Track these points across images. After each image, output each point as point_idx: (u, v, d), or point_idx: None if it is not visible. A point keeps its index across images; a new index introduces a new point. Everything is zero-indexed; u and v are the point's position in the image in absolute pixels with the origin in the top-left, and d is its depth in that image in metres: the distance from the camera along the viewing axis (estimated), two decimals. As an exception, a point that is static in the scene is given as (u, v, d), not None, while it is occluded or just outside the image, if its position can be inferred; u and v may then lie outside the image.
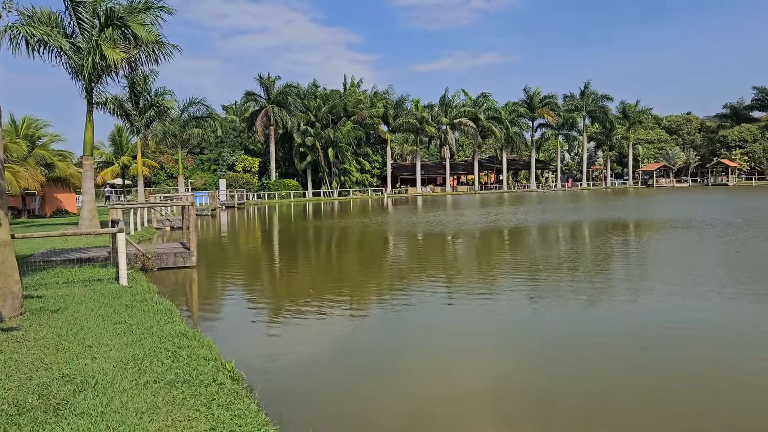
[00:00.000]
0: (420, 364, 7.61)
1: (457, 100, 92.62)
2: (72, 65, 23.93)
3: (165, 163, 78.07)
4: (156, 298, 10.19)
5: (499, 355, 7.91)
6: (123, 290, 10.85)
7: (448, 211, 44.43)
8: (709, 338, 8.36)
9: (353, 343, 8.76)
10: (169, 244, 18.37)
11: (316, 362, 7.65)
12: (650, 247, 19.13)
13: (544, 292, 11.89)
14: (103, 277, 12.58)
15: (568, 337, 8.57)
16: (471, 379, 6.90)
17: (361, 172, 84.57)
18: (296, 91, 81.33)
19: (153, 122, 40.24)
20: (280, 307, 11.40)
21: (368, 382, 6.91)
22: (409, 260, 17.79)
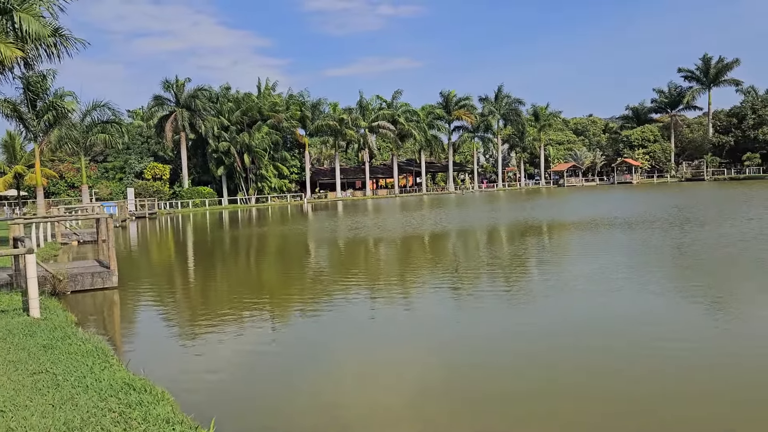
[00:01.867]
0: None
1: (373, 104, 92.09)
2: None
3: (65, 172, 72.39)
4: (80, 333, 8.31)
5: (422, 358, 7.98)
6: (36, 324, 8.85)
7: (369, 216, 43.37)
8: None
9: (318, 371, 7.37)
10: (83, 262, 16.06)
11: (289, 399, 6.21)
12: (572, 246, 18.83)
13: (465, 296, 12.10)
14: (6, 307, 10.40)
15: (483, 337, 8.81)
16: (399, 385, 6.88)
17: (279, 177, 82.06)
18: (208, 95, 77.80)
19: (52, 127, 36.56)
20: (222, 330, 9.77)
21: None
22: (332, 269, 16.52)
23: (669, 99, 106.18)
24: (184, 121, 74.57)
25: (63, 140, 43.41)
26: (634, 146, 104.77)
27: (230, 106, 77.82)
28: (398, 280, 14.38)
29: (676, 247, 17.58)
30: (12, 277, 13.42)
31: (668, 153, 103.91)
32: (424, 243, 23.08)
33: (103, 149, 73.62)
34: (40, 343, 7.56)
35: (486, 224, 29.37)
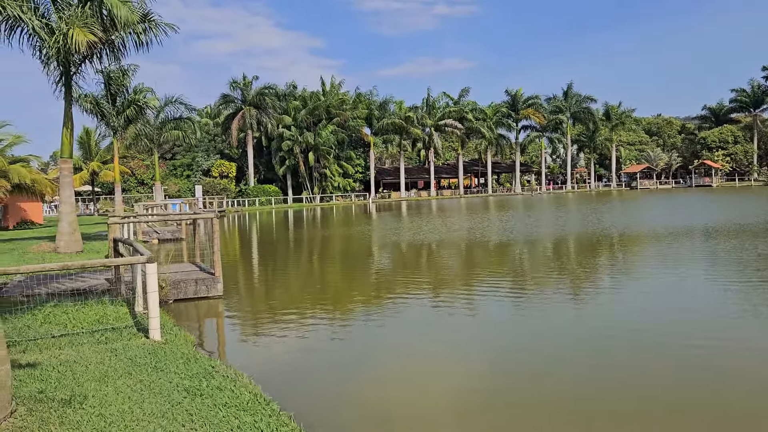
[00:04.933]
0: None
1: (440, 102, 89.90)
2: (45, 50, 19.91)
3: (135, 169, 73.26)
4: (221, 367, 6.61)
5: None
6: (160, 350, 7.24)
7: (438, 217, 41.15)
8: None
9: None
10: (181, 266, 14.67)
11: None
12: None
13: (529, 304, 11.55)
14: (118, 323, 8.90)
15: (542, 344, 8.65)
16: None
17: (344, 176, 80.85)
18: (274, 93, 77.37)
19: (131, 123, 36.01)
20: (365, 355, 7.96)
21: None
22: (416, 272, 14.48)
23: (751, 98, 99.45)
24: (251, 119, 74.32)
25: (139, 137, 43.10)
26: (712, 148, 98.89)
27: (296, 104, 77.10)
28: (463, 285, 14.02)
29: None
30: (111, 283, 12.06)
31: (750, 155, 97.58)
32: (497, 248, 20.94)
33: (172, 146, 74.22)
34: (180, 385, 5.88)
35: (563, 230, 26.81)
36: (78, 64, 20.78)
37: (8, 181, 32.61)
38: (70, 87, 20.96)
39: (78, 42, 18.14)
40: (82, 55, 20.46)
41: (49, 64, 20.38)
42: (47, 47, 19.27)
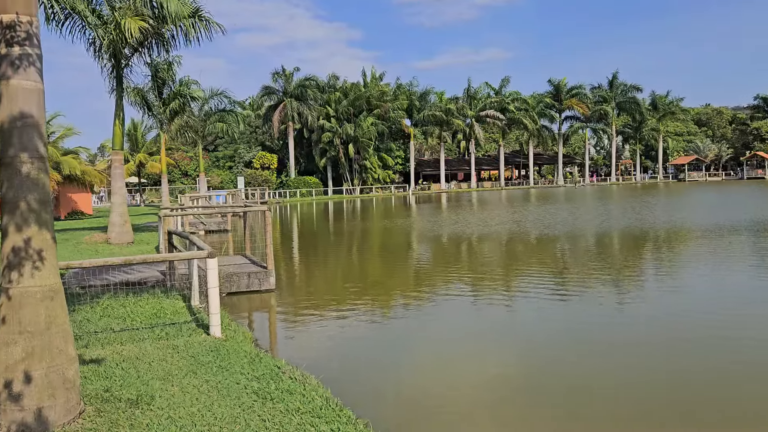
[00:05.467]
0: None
1: (482, 92, 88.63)
2: (98, 43, 20.09)
3: (179, 161, 74.43)
4: (287, 367, 6.36)
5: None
6: (222, 348, 7.04)
7: (481, 210, 40.48)
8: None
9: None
10: (231, 258, 14.61)
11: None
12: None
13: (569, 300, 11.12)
14: (176, 317, 8.77)
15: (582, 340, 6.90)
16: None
17: (384, 168, 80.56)
18: (315, 84, 77.41)
19: (177, 115, 36.42)
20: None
21: None
22: (462, 266, 13.97)
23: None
24: (292, 111, 74.57)
25: (184, 129, 43.66)
26: (765, 138, 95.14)
27: (337, 95, 77.02)
28: (507, 278, 13.86)
29: None
30: (165, 275, 12.02)
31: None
32: (541, 242, 20.23)
33: (215, 138, 75.15)
34: (249, 387, 5.64)
35: (614, 223, 25.84)
36: (128, 57, 20.92)
37: (59, 172, 33.34)
38: (121, 79, 21.14)
39: (130, 29, 18.25)
40: (133, 48, 20.60)
41: (101, 56, 20.58)
42: (100, 39, 19.44)
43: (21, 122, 4.70)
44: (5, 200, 4.73)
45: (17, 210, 4.69)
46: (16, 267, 4.67)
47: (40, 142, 4.80)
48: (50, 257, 4.84)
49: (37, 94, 4.81)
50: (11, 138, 4.69)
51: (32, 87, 4.77)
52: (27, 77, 4.73)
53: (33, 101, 4.77)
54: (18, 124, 4.69)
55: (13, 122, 4.69)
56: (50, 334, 4.77)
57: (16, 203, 4.70)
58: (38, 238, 4.74)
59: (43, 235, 4.78)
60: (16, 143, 4.70)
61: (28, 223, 4.70)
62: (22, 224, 4.69)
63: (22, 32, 4.65)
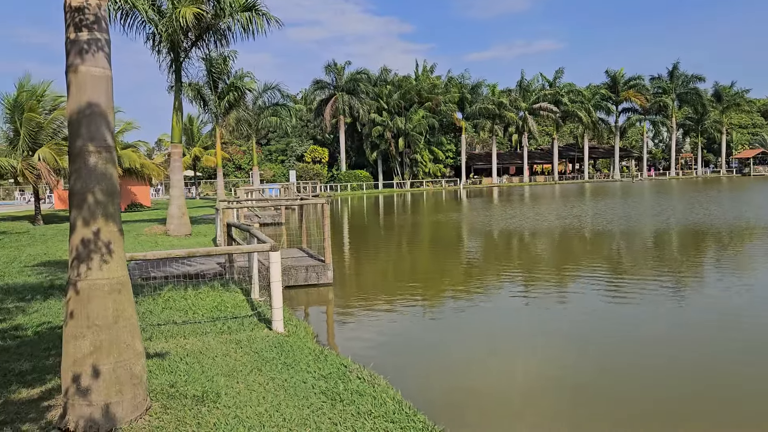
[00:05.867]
0: None
1: (535, 84, 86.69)
2: (157, 37, 20.38)
3: (233, 155, 75.68)
4: (353, 366, 6.11)
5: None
6: (286, 344, 6.85)
7: (542, 206, 39.45)
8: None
9: None
10: (288, 251, 14.55)
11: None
12: None
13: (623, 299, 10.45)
14: (236, 311, 8.67)
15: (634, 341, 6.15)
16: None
17: (434, 162, 79.92)
18: (366, 78, 77.32)
19: (231, 108, 36.89)
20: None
21: None
22: (534, 265, 13.35)
23: None
24: (344, 105, 74.73)
25: (238, 122, 44.23)
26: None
27: (389, 89, 76.76)
28: (562, 278, 13.21)
29: None
30: (224, 268, 12.00)
31: None
32: (601, 239, 19.32)
33: (267, 132, 76.07)
34: (316, 387, 5.42)
35: (679, 219, 24.58)
36: (187, 50, 21.14)
37: (120, 165, 34.26)
38: (180, 74, 21.40)
39: (185, 16, 18.41)
40: (191, 41, 20.81)
41: (160, 51, 20.88)
42: (159, 33, 19.71)
43: (89, 111, 4.57)
44: (73, 192, 4.62)
45: (85, 202, 4.57)
46: (85, 259, 4.56)
47: (107, 131, 4.67)
48: (118, 249, 4.71)
49: (105, 82, 4.67)
50: (80, 128, 4.58)
51: (101, 74, 4.64)
52: (96, 63, 4.60)
53: (102, 89, 4.64)
54: (87, 112, 4.57)
55: (81, 111, 4.57)
56: (118, 328, 4.65)
57: (84, 195, 4.58)
58: (106, 230, 4.62)
59: (111, 227, 4.65)
60: (84, 133, 4.58)
61: (95, 215, 4.58)
62: (90, 216, 4.57)
63: (91, 15, 4.51)
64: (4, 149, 27.04)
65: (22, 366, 6.43)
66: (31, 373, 6.22)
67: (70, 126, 4.62)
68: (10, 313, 8.87)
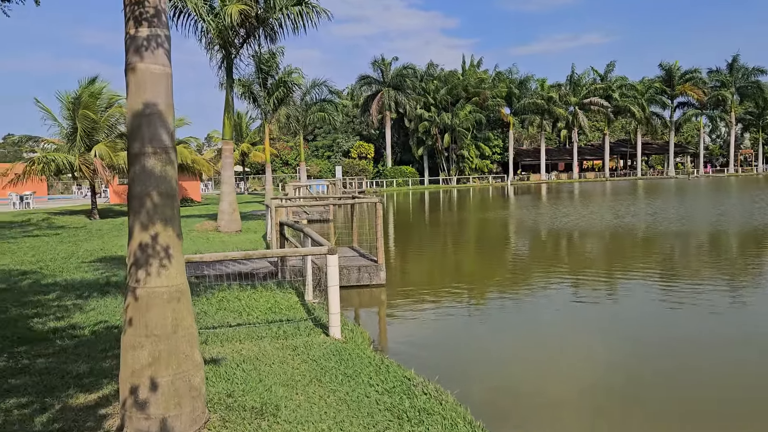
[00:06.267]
0: None
1: (586, 78, 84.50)
2: (209, 34, 20.46)
3: (280, 150, 76.38)
4: (417, 379, 5.78)
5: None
6: (344, 352, 6.58)
7: (596, 204, 38.24)
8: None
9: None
10: (339, 249, 14.31)
11: None
12: None
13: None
14: (291, 313, 8.46)
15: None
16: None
17: (481, 158, 78.87)
18: (413, 73, 76.81)
19: (280, 104, 37.03)
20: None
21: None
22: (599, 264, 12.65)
23: None
24: (390, 100, 74.45)
25: (286, 119, 44.46)
26: None
27: (435, 84, 76.08)
28: (625, 280, 12.73)
29: None
30: (275, 266, 11.86)
31: None
32: (659, 240, 18.33)
33: (313, 128, 76.49)
34: (381, 403, 5.11)
35: (745, 219, 23.28)
36: (238, 47, 21.17)
37: (178, 159, 34.84)
38: (231, 70, 21.46)
39: (231, 14, 18.43)
40: (242, 38, 20.83)
41: (212, 48, 20.97)
42: (210, 30, 19.78)
43: (149, 110, 4.36)
44: (132, 195, 4.43)
45: (143, 205, 4.37)
46: (143, 265, 4.36)
47: (166, 132, 4.45)
48: (177, 255, 4.50)
49: (165, 79, 4.46)
50: (139, 128, 4.37)
51: (161, 72, 4.42)
52: (155, 60, 4.39)
53: (161, 87, 4.42)
54: (146, 112, 4.36)
55: (140, 111, 4.36)
56: (177, 338, 4.44)
57: (142, 198, 4.38)
58: (164, 234, 4.41)
59: (170, 232, 4.44)
60: (143, 134, 4.37)
61: (153, 219, 4.37)
62: (148, 220, 4.36)
63: (151, 8, 4.30)
64: (63, 145, 27.79)
65: (79, 368, 6.35)
66: (89, 376, 6.13)
67: (129, 127, 4.43)
68: (68, 311, 8.89)
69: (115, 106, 26.75)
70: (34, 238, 19.02)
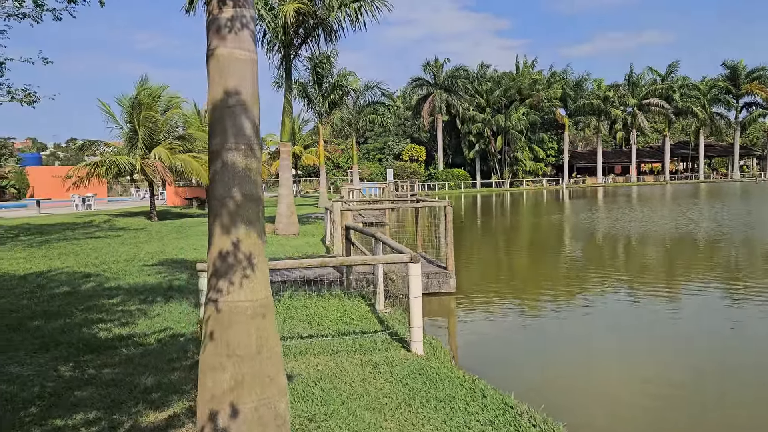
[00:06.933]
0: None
1: (645, 78, 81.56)
2: (268, 35, 20.27)
3: (331, 153, 76.52)
4: (530, 412, 5.10)
5: None
6: (432, 372, 5.96)
7: (662, 210, 36.47)
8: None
9: None
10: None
11: None
12: None
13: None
14: (364, 324, 7.90)
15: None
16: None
17: (535, 160, 77.04)
18: (465, 75, 75.69)
19: (335, 106, 36.84)
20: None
21: None
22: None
23: None
24: (441, 102, 73.59)
25: (340, 121, 44.29)
26: None
27: (488, 86, 74.82)
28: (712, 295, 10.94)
29: None
30: (341, 272, 11.35)
31: None
32: (726, 250, 16.91)
33: (364, 131, 76.36)
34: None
35: None
36: (297, 47, 20.90)
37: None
38: (290, 72, 21.22)
39: (287, 13, 18.09)
40: (301, 38, 20.54)
41: (271, 48, 20.77)
42: (270, 30, 19.55)
43: (233, 101, 3.85)
44: (213, 196, 3.93)
45: (225, 208, 3.86)
46: (224, 276, 3.85)
47: (251, 126, 3.93)
48: (261, 264, 3.97)
49: (251, 66, 3.94)
50: (222, 122, 3.87)
51: (246, 57, 3.91)
52: (240, 45, 3.88)
53: (246, 75, 3.91)
54: (230, 103, 3.85)
55: (223, 102, 3.86)
56: (261, 359, 3.91)
57: (224, 200, 3.87)
58: (248, 241, 3.89)
59: (254, 239, 3.92)
60: (226, 128, 3.86)
61: (237, 224, 3.86)
62: (231, 225, 3.85)
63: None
64: (122, 148, 28.21)
65: (146, 381, 5.96)
66: (156, 390, 5.73)
67: (210, 121, 3.94)
68: (133, 317, 8.60)
69: (173, 108, 26.99)
70: (96, 239, 19.16)
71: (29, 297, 9.92)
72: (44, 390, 5.83)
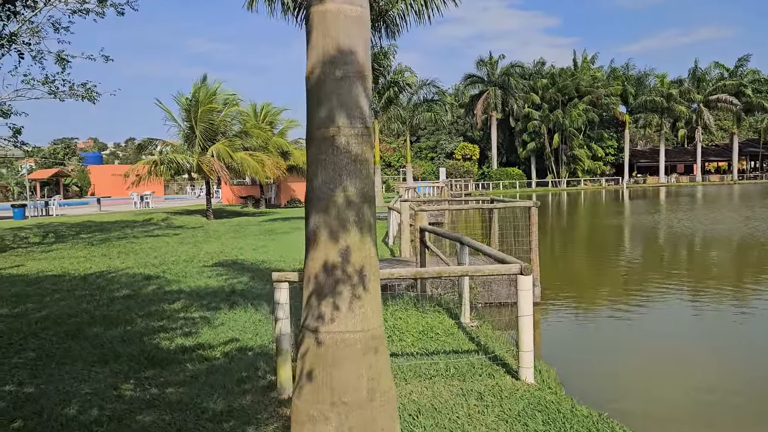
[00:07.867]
0: None
1: (711, 73, 77.67)
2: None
3: (384, 152, 75.85)
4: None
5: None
6: (551, 406, 4.98)
7: (728, 212, 34.14)
8: None
9: None
10: (474, 258, 12.76)
11: None
12: None
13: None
14: (452, 341, 6.96)
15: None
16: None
17: (593, 159, 74.41)
18: (520, 71, 73.76)
19: (391, 103, 36.01)
20: None
21: None
22: None
23: None
24: (496, 100, 71.94)
25: (394, 119, 43.50)
26: None
27: (544, 82, 72.67)
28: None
29: None
30: (414, 281, 10.42)
31: None
32: None
33: (416, 130, 75.39)
34: None
35: None
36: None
37: (290, 160, 34.86)
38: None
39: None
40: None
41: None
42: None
43: (341, 70, 2.97)
44: (312, 190, 3.06)
45: (331, 206, 2.99)
46: (328, 296, 2.98)
47: (366, 101, 3.05)
48: (374, 283, 3.09)
49: (363, 26, 3.06)
50: (327, 96, 2.99)
51: (356, 14, 3.03)
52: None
53: (358, 37, 3.03)
54: (337, 73, 2.97)
55: (328, 69, 2.98)
56: (373, 407, 3.02)
57: (329, 195, 2.99)
58: (360, 253, 3.01)
59: (368, 249, 3.03)
60: (332, 104, 2.98)
61: (346, 226, 2.98)
62: (340, 228, 2.97)
63: None
64: (179, 146, 28.11)
65: (216, 405, 5.19)
66: (227, 419, 4.94)
67: (308, 93, 3.06)
68: (196, 325, 7.91)
69: (230, 105, 26.74)
70: (155, 237, 18.85)
71: (89, 300, 9.41)
72: (103, 413, 5.14)
